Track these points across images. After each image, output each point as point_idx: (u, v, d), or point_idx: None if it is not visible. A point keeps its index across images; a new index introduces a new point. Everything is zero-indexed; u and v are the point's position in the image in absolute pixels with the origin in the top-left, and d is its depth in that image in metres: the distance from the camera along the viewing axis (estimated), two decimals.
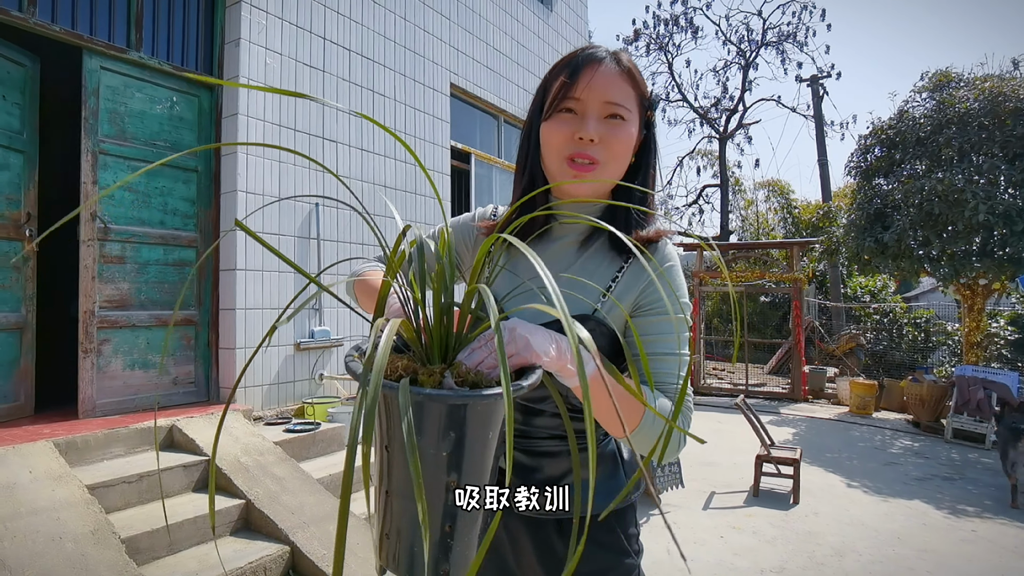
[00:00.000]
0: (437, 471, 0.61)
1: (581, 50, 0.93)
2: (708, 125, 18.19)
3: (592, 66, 0.90)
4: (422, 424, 0.60)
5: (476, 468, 0.64)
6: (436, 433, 0.60)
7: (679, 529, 3.71)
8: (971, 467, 5.30)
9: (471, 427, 0.61)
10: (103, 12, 3.55)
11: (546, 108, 0.93)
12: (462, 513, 0.59)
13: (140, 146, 3.66)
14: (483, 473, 0.65)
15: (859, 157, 7.48)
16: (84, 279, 3.42)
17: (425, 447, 0.60)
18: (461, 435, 0.61)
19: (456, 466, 0.62)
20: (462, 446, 0.62)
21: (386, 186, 5.07)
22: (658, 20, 17.58)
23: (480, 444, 0.63)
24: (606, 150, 0.89)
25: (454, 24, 5.98)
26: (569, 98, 0.90)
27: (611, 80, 0.89)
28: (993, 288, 6.91)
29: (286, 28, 4.28)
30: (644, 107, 0.95)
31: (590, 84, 0.89)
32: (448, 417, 0.60)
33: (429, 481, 0.61)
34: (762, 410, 7.60)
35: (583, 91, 0.89)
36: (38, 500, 2.42)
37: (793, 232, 16.40)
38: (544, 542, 0.99)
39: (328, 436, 3.85)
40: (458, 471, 0.62)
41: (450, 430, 0.61)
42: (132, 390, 3.61)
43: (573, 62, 0.91)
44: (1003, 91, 6.17)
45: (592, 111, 0.89)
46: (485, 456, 0.64)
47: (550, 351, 0.70)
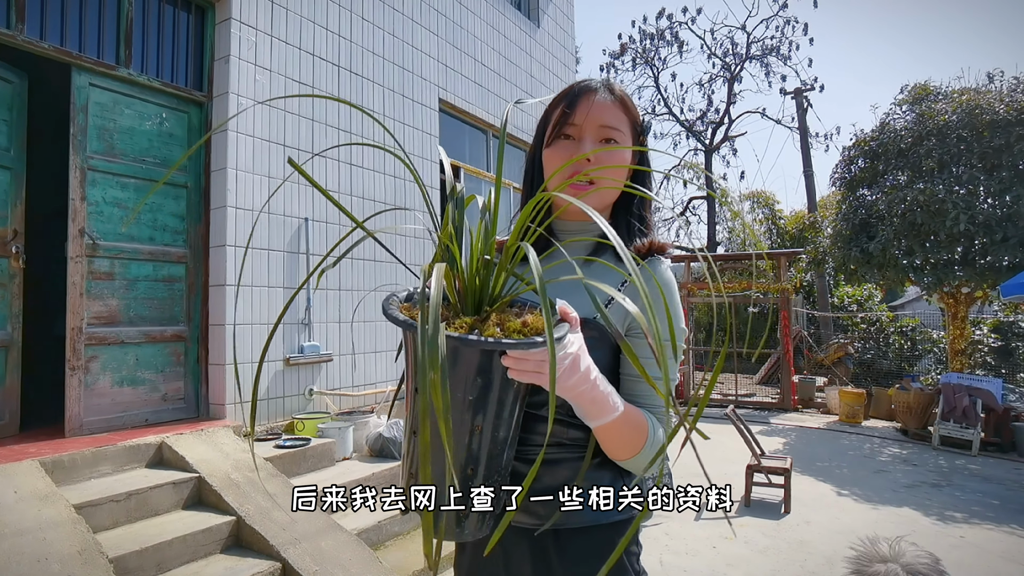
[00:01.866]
0: (464, 414, 0.65)
1: (577, 83, 1.02)
2: (694, 138, 18.42)
3: (588, 95, 0.99)
4: (453, 368, 0.64)
5: (499, 418, 0.67)
6: (464, 378, 0.64)
7: (672, 540, 3.71)
8: (958, 473, 5.35)
9: (496, 375, 0.64)
10: (92, 29, 3.56)
11: (547, 136, 1.02)
12: (485, 458, 0.61)
13: (129, 162, 3.66)
14: (506, 422, 0.68)
15: (843, 168, 7.62)
16: (72, 296, 3.40)
17: (454, 391, 0.64)
18: (484, 382, 0.64)
19: (482, 412, 0.65)
20: (483, 393, 0.65)
21: (375, 200, 5.08)
22: (644, 35, 17.86)
23: (504, 392, 0.67)
24: (601, 171, 0.97)
25: (442, 40, 6.04)
26: (568, 125, 0.99)
27: (605, 107, 0.99)
28: (976, 296, 7.03)
29: (276, 45, 4.31)
30: (636, 132, 1.03)
31: (587, 112, 0.98)
32: (475, 362, 0.64)
33: (455, 424, 0.65)
34: (752, 420, 7.63)
35: (580, 118, 0.98)
36: (23, 520, 2.39)
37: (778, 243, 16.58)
38: (540, 554, 0.97)
39: (318, 452, 3.82)
40: (483, 417, 0.66)
41: (477, 375, 0.64)
42: (120, 407, 3.58)
43: (570, 94, 1.01)
44: (980, 104, 6.32)
45: (588, 135, 0.98)
46: (509, 405, 0.68)
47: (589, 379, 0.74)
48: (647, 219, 1.05)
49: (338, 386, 4.72)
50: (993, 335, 8.25)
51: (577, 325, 0.74)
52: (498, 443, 0.70)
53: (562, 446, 0.96)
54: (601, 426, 0.80)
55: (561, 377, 0.70)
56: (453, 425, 0.65)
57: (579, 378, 0.72)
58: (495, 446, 0.69)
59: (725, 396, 9.40)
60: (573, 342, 0.71)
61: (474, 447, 0.66)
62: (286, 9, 4.40)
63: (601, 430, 0.81)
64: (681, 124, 18.40)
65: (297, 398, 4.38)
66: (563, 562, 0.94)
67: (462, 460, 0.66)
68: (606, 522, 0.94)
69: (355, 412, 4.67)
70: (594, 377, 0.75)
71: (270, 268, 4.15)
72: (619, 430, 0.81)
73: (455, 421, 0.66)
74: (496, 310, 0.70)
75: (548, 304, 0.51)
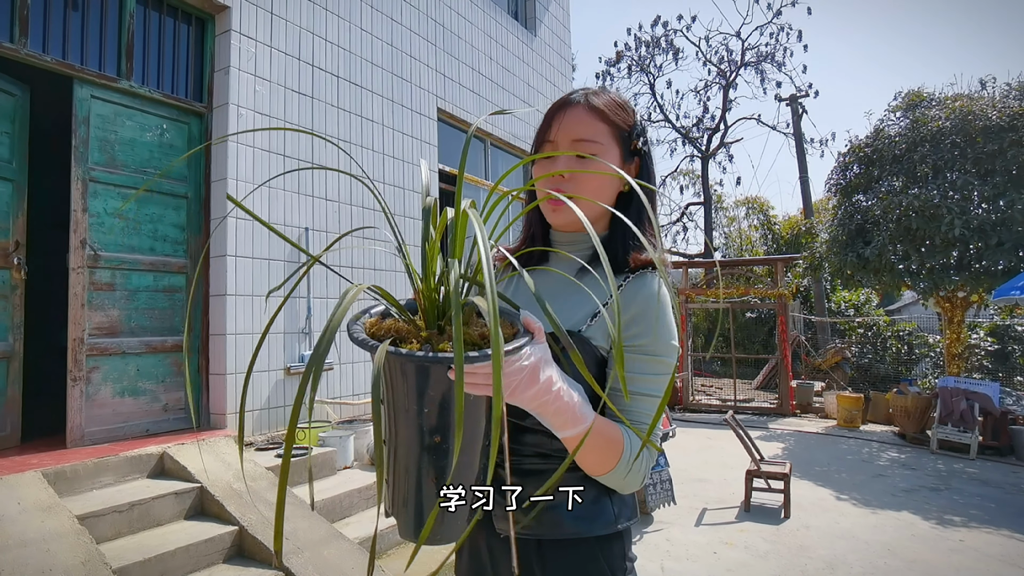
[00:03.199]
0: (419, 428, 0.67)
1: (560, 98, 1.02)
2: (690, 144, 18.51)
3: (561, 111, 1.00)
4: (400, 381, 0.67)
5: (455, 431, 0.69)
6: (411, 391, 0.66)
7: (672, 546, 3.72)
8: (956, 477, 5.37)
9: (444, 389, 0.66)
10: (94, 42, 3.59)
11: (531, 152, 1.04)
12: (451, 470, 0.63)
13: (130, 173, 3.68)
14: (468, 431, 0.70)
15: (839, 174, 7.67)
16: (73, 307, 3.41)
17: (408, 404, 0.67)
18: (437, 396, 0.66)
19: (439, 427, 0.67)
20: (442, 407, 0.66)
21: (374, 209, 5.11)
22: (640, 42, 17.97)
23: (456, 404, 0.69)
24: (575, 185, 0.97)
25: (440, 50, 6.09)
26: (545, 142, 1.00)
27: (579, 119, 0.98)
28: (971, 300, 7.07)
29: (275, 56, 4.35)
30: (624, 139, 1.01)
31: (560, 126, 0.99)
32: (419, 376, 0.65)
33: (411, 435, 0.67)
34: (751, 425, 7.65)
35: (554, 134, 0.99)
36: (27, 532, 2.39)
37: (774, 248, 16.64)
38: (526, 566, 0.95)
39: (320, 461, 3.83)
40: (442, 432, 0.67)
41: (426, 389, 0.66)
42: (122, 418, 3.58)
43: (550, 110, 1.01)
44: (972, 110, 6.38)
45: (563, 150, 0.98)
46: (468, 422, 0.69)
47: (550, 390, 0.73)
48: (646, 227, 1.02)
49: (339, 395, 4.73)
50: (990, 339, 8.30)
51: (541, 335, 0.73)
52: (465, 453, 0.70)
53: (546, 456, 0.94)
54: (568, 438, 0.78)
55: (518, 388, 0.70)
56: (410, 438, 0.67)
57: (538, 389, 0.71)
58: (464, 456, 0.70)
59: (724, 402, 9.42)
60: (531, 354, 0.70)
61: (436, 458, 0.67)
62: (285, 20, 4.44)
63: (569, 441, 0.79)
64: (677, 131, 18.50)
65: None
66: (546, 574, 0.92)
67: (426, 470, 0.68)
68: (589, 535, 0.92)
69: (355, 421, 4.68)
70: (556, 388, 0.73)
71: (270, 277, 4.17)
72: (589, 443, 0.80)
73: (411, 434, 0.67)
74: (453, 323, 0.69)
75: (496, 315, 0.52)
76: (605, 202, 1.00)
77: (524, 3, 7.94)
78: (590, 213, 1.00)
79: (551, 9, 8.26)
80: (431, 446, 0.67)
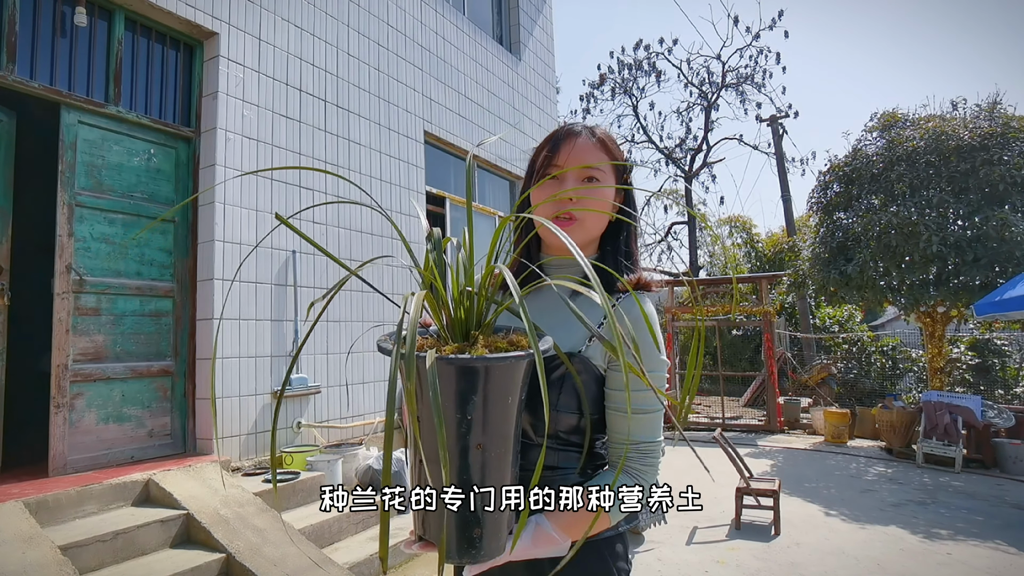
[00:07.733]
0: (463, 434, 0.67)
1: (561, 128, 1.10)
2: (674, 164, 18.78)
3: (571, 139, 1.07)
4: (444, 389, 0.66)
5: (499, 432, 0.69)
6: (456, 397, 0.67)
7: (664, 566, 3.71)
8: (942, 490, 5.42)
9: (489, 391, 0.67)
10: (82, 68, 3.60)
11: (534, 177, 1.10)
12: (491, 475, 0.63)
13: (117, 198, 3.67)
14: (507, 439, 0.71)
15: (819, 193, 7.82)
16: (58, 332, 3.37)
17: (449, 412, 0.66)
18: (480, 399, 0.67)
19: (480, 430, 0.68)
20: (487, 413, 0.67)
21: (362, 231, 5.13)
22: (622, 65, 18.29)
23: (500, 408, 0.69)
24: (583, 207, 1.03)
25: (426, 74, 6.17)
26: (552, 166, 1.07)
27: (587, 149, 1.06)
28: (951, 315, 7.19)
29: (263, 80, 4.38)
30: (619, 172, 1.10)
31: (570, 153, 1.06)
32: (465, 380, 0.67)
33: (456, 444, 0.67)
34: (740, 442, 7.67)
35: (563, 159, 1.06)
36: (7, 564, 2.34)
37: (756, 266, 16.84)
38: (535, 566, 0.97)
39: (308, 485, 3.79)
40: (483, 435, 0.68)
41: (470, 394, 0.67)
42: (106, 444, 3.53)
43: (555, 138, 1.08)
44: (945, 130, 6.57)
45: (571, 175, 1.05)
46: (507, 421, 0.70)
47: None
48: (633, 253, 1.12)
49: (326, 418, 4.69)
50: (970, 353, 8.42)
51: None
52: (499, 460, 0.72)
53: (553, 469, 0.99)
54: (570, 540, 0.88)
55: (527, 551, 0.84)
56: (451, 445, 0.68)
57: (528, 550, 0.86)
58: (497, 463, 0.72)
59: (712, 420, 9.44)
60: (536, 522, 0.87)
61: (476, 465, 0.68)
62: (273, 46, 4.49)
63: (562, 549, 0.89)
64: (660, 152, 18.76)
65: (285, 431, 4.34)
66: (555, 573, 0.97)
67: (467, 477, 0.68)
68: (596, 537, 0.98)
69: (344, 444, 4.64)
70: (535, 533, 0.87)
71: (258, 301, 4.16)
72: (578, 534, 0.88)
73: (452, 441, 0.68)
74: (483, 334, 0.74)
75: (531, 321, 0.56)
76: (602, 228, 1.09)
77: (509, 29, 8.09)
78: (590, 235, 1.08)
79: (535, 34, 8.41)
80: (473, 455, 0.68)
